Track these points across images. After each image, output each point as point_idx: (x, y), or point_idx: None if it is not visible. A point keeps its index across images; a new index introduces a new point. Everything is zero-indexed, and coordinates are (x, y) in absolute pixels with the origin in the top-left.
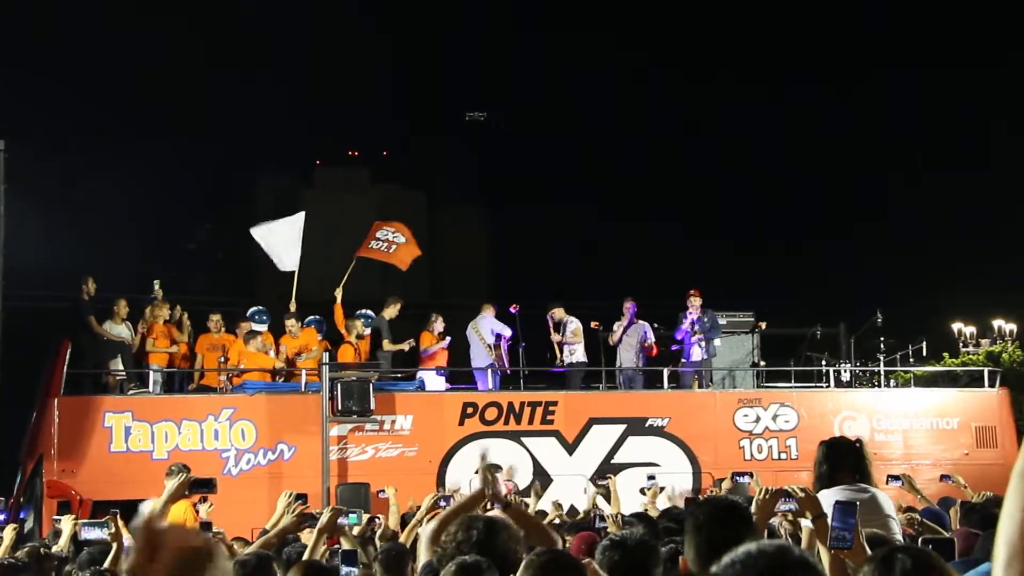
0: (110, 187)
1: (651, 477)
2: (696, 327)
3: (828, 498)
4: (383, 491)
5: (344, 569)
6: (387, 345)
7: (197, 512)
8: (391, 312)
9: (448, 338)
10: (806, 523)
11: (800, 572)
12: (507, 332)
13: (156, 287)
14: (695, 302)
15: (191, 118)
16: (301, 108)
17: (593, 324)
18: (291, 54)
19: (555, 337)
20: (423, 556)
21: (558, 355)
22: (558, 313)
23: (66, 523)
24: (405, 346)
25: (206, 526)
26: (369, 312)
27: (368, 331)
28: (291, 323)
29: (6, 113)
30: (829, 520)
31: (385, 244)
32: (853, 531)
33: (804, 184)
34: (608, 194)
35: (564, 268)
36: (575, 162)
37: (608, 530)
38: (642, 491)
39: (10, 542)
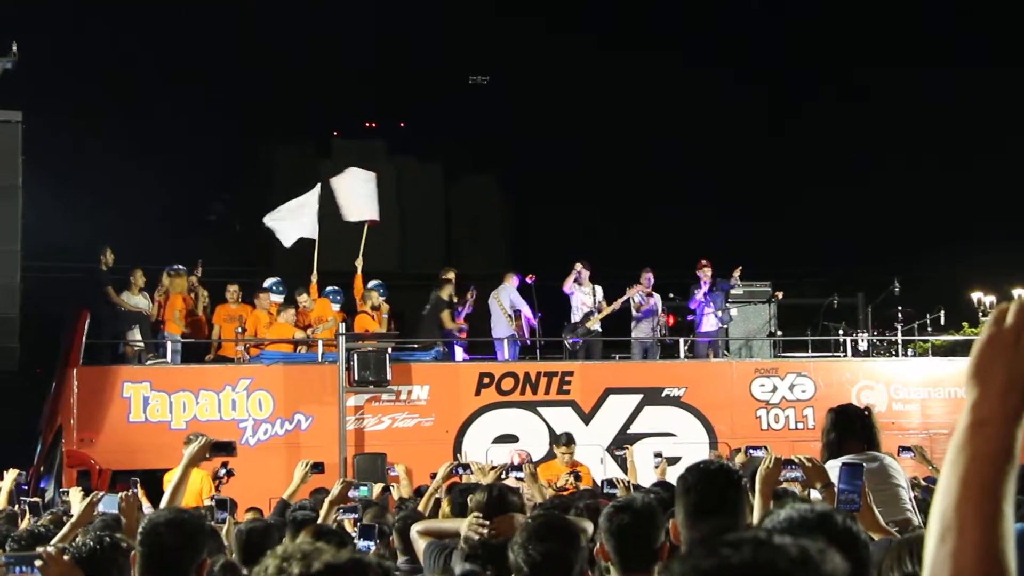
0: (129, 158)
1: (658, 455)
2: (711, 302)
3: (835, 469)
4: (392, 468)
5: (361, 543)
6: (447, 318)
7: (218, 484)
8: (447, 291)
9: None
10: (815, 494)
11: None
12: (527, 311)
13: (199, 266)
14: (707, 272)
15: (209, 89)
16: (319, 79)
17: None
18: (308, 24)
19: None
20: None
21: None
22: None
23: (74, 495)
24: (468, 297)
25: (221, 504)
26: (380, 284)
27: (383, 301)
28: (303, 298)
29: (24, 84)
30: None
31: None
32: (860, 493)
33: (823, 154)
34: (625, 164)
35: (583, 239)
36: (592, 134)
37: (619, 496)
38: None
39: (9, 488)
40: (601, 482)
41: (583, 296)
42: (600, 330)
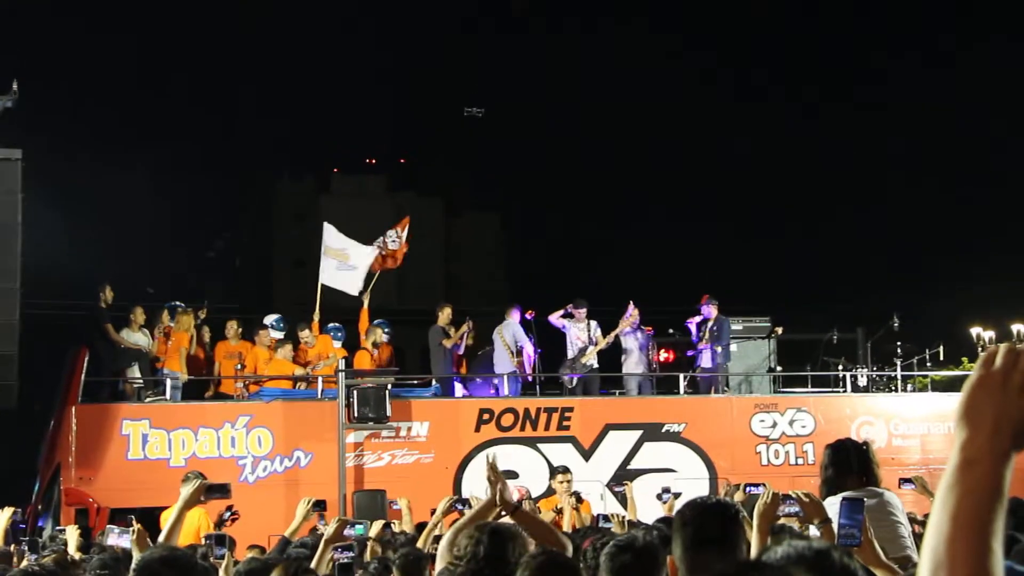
0: (129, 195)
1: (666, 491)
2: (705, 334)
3: (835, 504)
4: (395, 503)
5: None
6: (446, 343)
7: (221, 523)
8: (444, 319)
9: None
10: (814, 530)
11: None
12: (529, 348)
13: (205, 307)
14: (707, 310)
15: (210, 126)
16: (318, 116)
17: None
18: (307, 62)
19: (558, 322)
20: (440, 563)
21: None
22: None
23: (71, 533)
24: (464, 328)
25: (220, 540)
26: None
27: (386, 339)
28: (305, 334)
29: (25, 120)
30: (835, 520)
31: (382, 248)
32: (861, 528)
33: (821, 189)
34: (625, 199)
35: (582, 273)
36: (590, 165)
37: (612, 531)
38: (659, 497)
39: (4, 527)
40: (596, 516)
41: (578, 332)
42: (596, 365)
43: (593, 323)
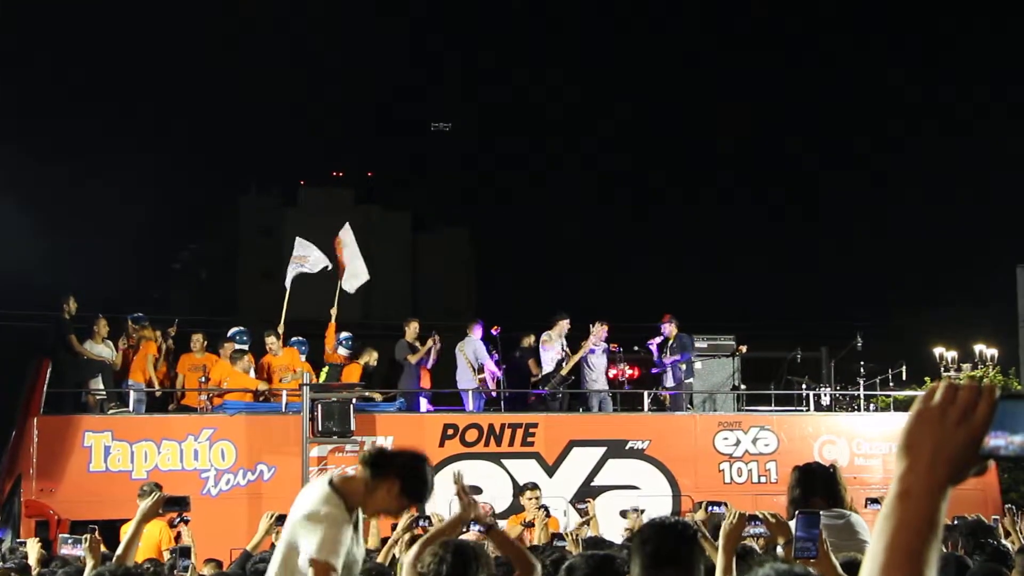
0: (95, 206)
1: (635, 509)
2: (667, 354)
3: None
4: None
5: None
6: (412, 358)
7: (178, 535)
8: (411, 333)
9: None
10: (780, 551)
11: None
12: (490, 363)
13: (175, 323)
14: (666, 328)
15: (176, 138)
16: (286, 128)
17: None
18: (275, 74)
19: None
20: None
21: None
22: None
23: (32, 546)
24: (430, 342)
25: (185, 551)
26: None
27: (347, 353)
28: (271, 341)
29: None
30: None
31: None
32: (817, 541)
33: (786, 207)
34: (589, 217)
35: (548, 290)
36: (559, 184)
37: (567, 548)
38: (622, 514)
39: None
40: (552, 535)
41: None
42: (571, 379)
43: (563, 340)
